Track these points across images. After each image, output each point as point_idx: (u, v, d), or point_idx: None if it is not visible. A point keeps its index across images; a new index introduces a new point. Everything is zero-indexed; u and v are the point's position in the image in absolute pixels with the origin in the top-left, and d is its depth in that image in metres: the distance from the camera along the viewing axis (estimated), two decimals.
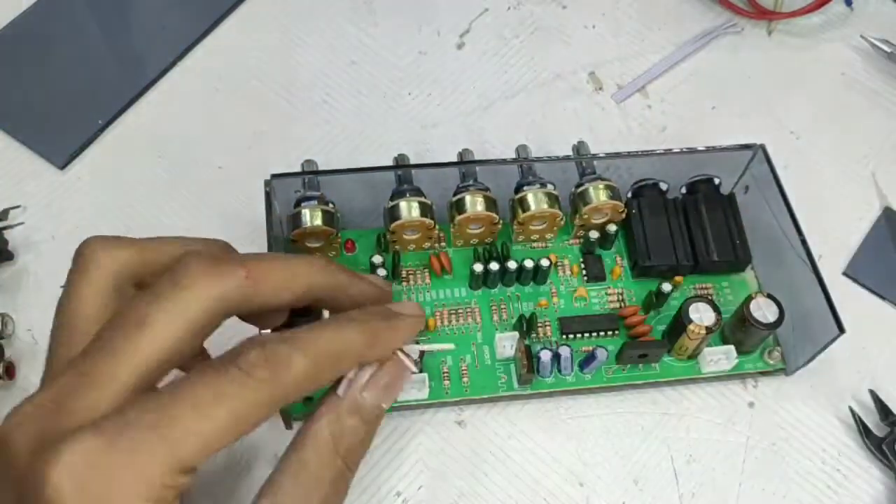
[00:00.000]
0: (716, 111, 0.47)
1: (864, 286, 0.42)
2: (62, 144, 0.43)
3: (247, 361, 0.23)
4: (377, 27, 0.49)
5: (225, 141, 0.44)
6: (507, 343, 0.37)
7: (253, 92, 0.46)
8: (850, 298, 0.41)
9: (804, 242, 0.37)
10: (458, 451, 0.37)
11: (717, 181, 0.41)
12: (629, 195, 0.41)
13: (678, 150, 0.39)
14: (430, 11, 0.49)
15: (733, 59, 0.49)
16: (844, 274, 0.42)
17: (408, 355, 0.28)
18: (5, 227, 0.40)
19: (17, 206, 0.41)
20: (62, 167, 0.43)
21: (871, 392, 0.38)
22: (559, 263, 0.40)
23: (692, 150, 0.39)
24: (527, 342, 0.37)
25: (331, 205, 0.38)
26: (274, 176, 0.37)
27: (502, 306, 0.39)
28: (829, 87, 0.48)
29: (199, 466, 0.22)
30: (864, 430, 0.37)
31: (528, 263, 0.38)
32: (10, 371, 0.37)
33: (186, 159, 0.44)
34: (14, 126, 0.44)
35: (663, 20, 0.50)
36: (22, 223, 0.41)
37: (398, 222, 0.37)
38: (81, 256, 0.26)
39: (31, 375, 0.37)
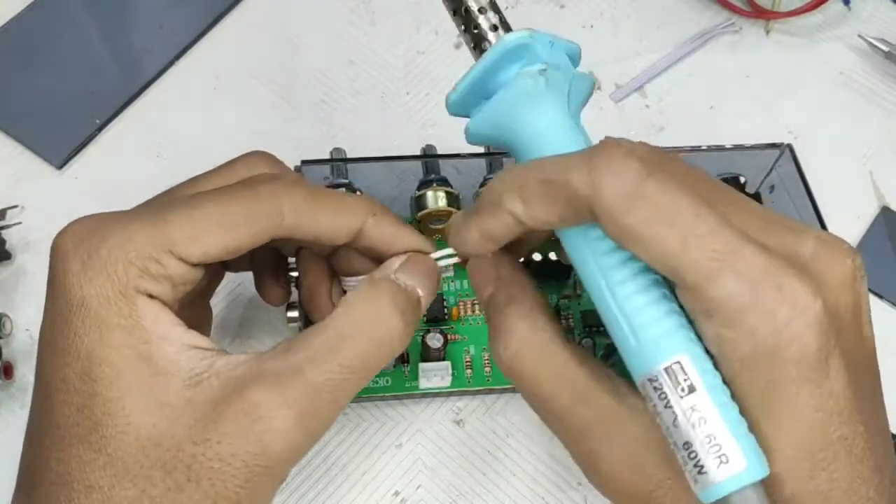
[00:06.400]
0: (714, 111, 0.47)
1: None
2: (60, 144, 0.43)
3: (253, 178, 0.27)
4: (375, 27, 0.49)
5: (223, 140, 0.44)
6: None
7: (251, 91, 0.46)
8: None
9: None
10: (456, 451, 0.37)
11: (742, 180, 0.41)
12: None
13: (705, 148, 0.39)
14: (428, 11, 0.49)
15: (731, 58, 0.49)
16: None
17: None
18: (3, 227, 0.40)
19: (15, 206, 0.41)
20: (60, 167, 0.43)
21: None
22: None
23: (720, 148, 0.39)
24: None
25: (359, 192, 0.38)
26: (304, 162, 0.37)
27: None
28: (826, 86, 0.48)
29: (197, 260, 0.25)
30: None
31: (553, 256, 0.38)
32: (7, 371, 0.37)
33: (185, 159, 0.43)
34: (11, 125, 0.44)
35: (661, 20, 0.50)
36: (19, 223, 0.41)
37: (425, 211, 0.38)
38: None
39: (29, 375, 0.37)
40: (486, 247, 0.26)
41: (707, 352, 0.22)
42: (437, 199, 0.38)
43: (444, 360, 0.36)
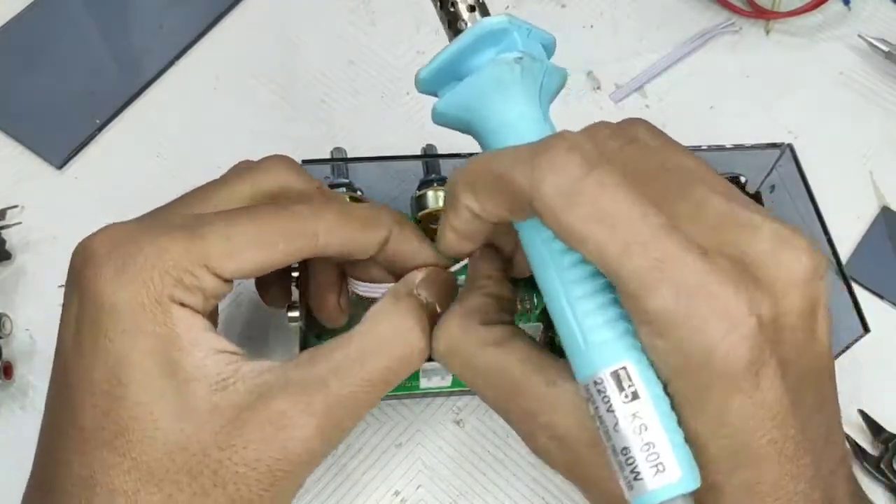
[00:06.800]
0: (714, 111, 0.47)
1: (861, 285, 0.42)
2: (60, 144, 0.43)
3: (289, 201, 0.27)
4: (375, 27, 0.49)
5: (223, 140, 0.44)
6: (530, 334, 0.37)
7: (251, 91, 0.46)
8: None
9: (830, 242, 0.37)
10: (456, 451, 0.37)
11: (743, 179, 0.41)
12: None
13: (705, 148, 0.39)
14: (429, 11, 0.48)
15: (731, 58, 0.49)
16: None
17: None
18: (3, 227, 0.40)
19: (15, 206, 0.41)
20: (60, 167, 0.43)
21: (861, 412, 0.38)
22: None
23: (720, 148, 0.39)
24: (550, 333, 0.37)
25: (359, 192, 0.38)
26: (304, 162, 0.37)
27: (526, 297, 0.39)
28: (826, 86, 0.48)
29: (230, 276, 0.25)
30: (860, 452, 0.37)
31: None
32: (7, 371, 0.37)
33: (185, 159, 0.44)
34: (11, 125, 0.44)
35: (662, 20, 0.50)
36: (19, 223, 0.41)
37: (425, 211, 0.38)
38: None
39: (28, 375, 0.37)
40: (463, 245, 0.26)
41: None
42: (437, 198, 0.38)
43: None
